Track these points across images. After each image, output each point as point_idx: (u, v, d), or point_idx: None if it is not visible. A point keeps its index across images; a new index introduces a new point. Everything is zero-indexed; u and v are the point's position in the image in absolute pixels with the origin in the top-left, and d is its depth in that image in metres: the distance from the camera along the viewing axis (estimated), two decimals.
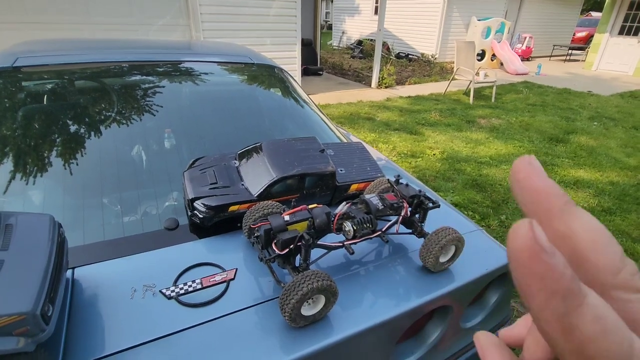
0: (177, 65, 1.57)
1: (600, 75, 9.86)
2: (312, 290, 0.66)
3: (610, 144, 4.72)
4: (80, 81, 1.39)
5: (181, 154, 1.26)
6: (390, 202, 0.87)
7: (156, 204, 1.04)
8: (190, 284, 0.78)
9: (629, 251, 2.56)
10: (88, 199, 1.02)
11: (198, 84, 1.52)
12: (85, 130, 1.20)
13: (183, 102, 1.46)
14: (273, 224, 0.75)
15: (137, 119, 1.28)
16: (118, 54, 1.56)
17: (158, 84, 1.43)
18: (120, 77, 1.44)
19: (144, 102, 1.34)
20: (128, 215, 0.98)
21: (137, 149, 1.19)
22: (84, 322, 0.69)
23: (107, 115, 1.26)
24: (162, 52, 1.66)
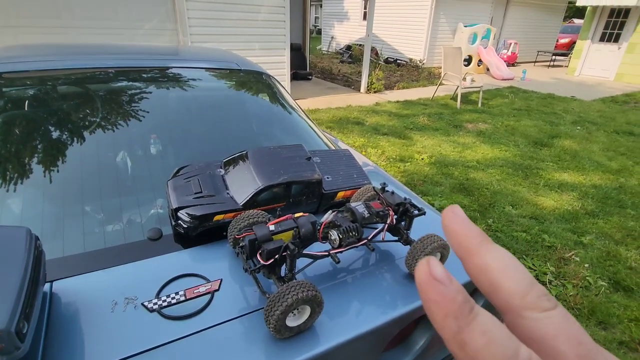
0: (162, 72, 1.55)
1: (583, 80, 10.12)
2: (297, 301, 0.65)
3: (593, 147, 4.83)
4: (62, 87, 1.36)
5: (166, 162, 1.25)
6: (376, 210, 0.87)
7: (139, 213, 1.02)
8: (173, 295, 0.76)
9: (611, 254, 2.62)
10: (68, 209, 0.99)
11: (183, 90, 1.51)
12: (67, 138, 1.17)
13: (168, 109, 1.44)
14: (258, 234, 0.74)
15: (120, 126, 1.26)
16: (102, 59, 1.54)
17: (143, 90, 1.41)
18: (104, 84, 1.42)
19: (127, 108, 1.32)
20: (109, 226, 0.96)
21: (119, 157, 1.17)
22: (62, 337, 0.67)
23: (89, 122, 1.24)
24: (146, 57, 1.65)
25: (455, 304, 0.17)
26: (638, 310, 2.11)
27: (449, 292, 0.17)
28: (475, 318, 0.16)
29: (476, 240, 0.19)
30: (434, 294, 0.17)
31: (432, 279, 0.17)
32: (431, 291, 0.17)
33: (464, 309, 0.17)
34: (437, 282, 0.17)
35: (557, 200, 3.38)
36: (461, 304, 0.17)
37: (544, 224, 2.98)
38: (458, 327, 0.16)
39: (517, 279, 0.18)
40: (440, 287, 0.17)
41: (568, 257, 2.57)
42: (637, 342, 1.90)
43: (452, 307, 0.17)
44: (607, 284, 2.32)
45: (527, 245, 2.68)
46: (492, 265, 0.19)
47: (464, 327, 0.16)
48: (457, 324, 0.16)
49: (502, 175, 3.87)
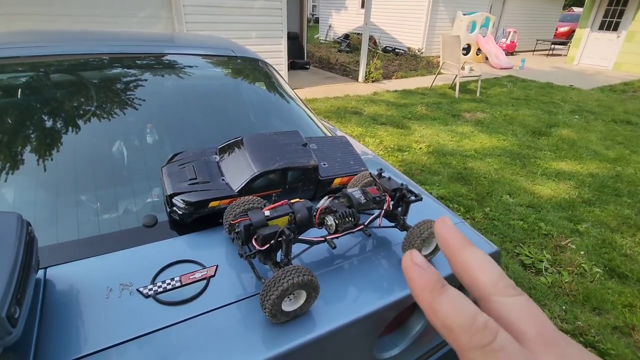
0: (158, 58, 1.53)
1: (582, 69, 10.07)
2: (292, 286, 0.65)
3: (591, 137, 4.83)
4: (55, 74, 1.34)
5: (162, 150, 1.23)
6: (373, 196, 0.87)
7: (134, 200, 1.01)
8: (169, 281, 0.76)
9: (607, 241, 2.64)
10: (62, 196, 0.98)
11: (179, 77, 1.49)
12: (60, 126, 1.15)
13: (164, 96, 1.42)
14: (253, 219, 0.73)
15: (115, 112, 1.24)
16: (96, 45, 1.51)
17: (138, 77, 1.39)
18: (98, 70, 1.40)
19: (122, 95, 1.30)
20: (104, 213, 0.95)
21: (114, 145, 1.16)
22: (56, 323, 0.66)
23: (84, 109, 1.22)
24: (141, 44, 1.62)
25: (430, 282, 0.22)
26: (632, 296, 2.13)
27: (426, 273, 0.22)
28: (445, 291, 0.21)
29: (460, 244, 0.24)
30: (414, 274, 0.22)
31: (414, 264, 0.23)
32: (413, 272, 0.22)
33: (437, 285, 0.22)
34: (417, 266, 0.22)
35: (554, 189, 3.39)
36: (435, 282, 0.22)
37: (541, 212, 2.99)
38: (431, 297, 0.21)
39: (490, 272, 0.23)
40: (419, 270, 0.22)
41: (564, 245, 2.59)
42: (631, 327, 1.92)
43: (427, 283, 0.22)
44: (602, 270, 2.34)
45: (524, 234, 2.69)
46: (470, 261, 0.23)
47: (436, 298, 0.21)
48: (431, 295, 0.21)
49: (499, 164, 3.87)
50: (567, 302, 2.10)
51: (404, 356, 0.95)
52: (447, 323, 0.20)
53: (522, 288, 2.16)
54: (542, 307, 2.04)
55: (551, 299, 2.12)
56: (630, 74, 9.45)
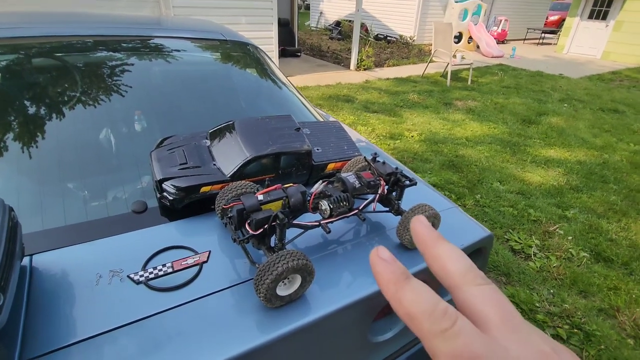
0: (145, 42, 1.48)
1: (571, 58, 10.14)
2: (287, 270, 0.64)
3: (579, 125, 4.89)
4: (37, 58, 1.28)
5: (151, 134, 1.20)
6: (367, 180, 0.86)
7: (122, 186, 0.98)
8: (160, 268, 0.75)
9: (593, 227, 2.69)
10: (47, 183, 0.95)
11: (168, 61, 1.44)
12: (45, 111, 1.11)
13: (151, 80, 1.38)
14: (246, 203, 0.72)
15: (102, 98, 1.20)
16: (79, 27, 1.45)
17: (125, 61, 1.34)
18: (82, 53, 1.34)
19: (111, 80, 1.26)
20: (92, 199, 0.93)
21: (100, 130, 1.12)
22: (44, 311, 0.65)
23: (70, 95, 1.18)
24: (129, 26, 1.56)
25: (394, 274, 0.23)
26: (617, 280, 2.19)
27: (391, 266, 0.23)
28: (408, 282, 0.22)
29: (432, 238, 0.25)
30: (380, 268, 0.24)
31: (380, 258, 0.24)
32: (378, 266, 0.24)
33: (401, 277, 0.23)
34: (383, 260, 0.24)
35: (543, 176, 3.43)
36: (399, 274, 0.23)
37: (530, 199, 3.03)
38: (395, 289, 0.22)
39: (460, 263, 0.24)
40: (385, 263, 0.24)
41: (552, 230, 2.63)
42: (616, 309, 1.98)
43: (392, 276, 0.23)
44: (589, 255, 2.39)
45: (514, 220, 2.73)
46: (442, 254, 0.24)
47: (400, 289, 0.22)
48: (395, 287, 0.22)
49: (490, 152, 3.90)
50: (555, 285, 2.14)
51: (397, 339, 0.95)
52: (410, 311, 0.21)
53: (511, 273, 2.20)
54: (530, 291, 2.08)
55: (540, 283, 2.16)
56: (617, 63, 9.55)
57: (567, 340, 1.80)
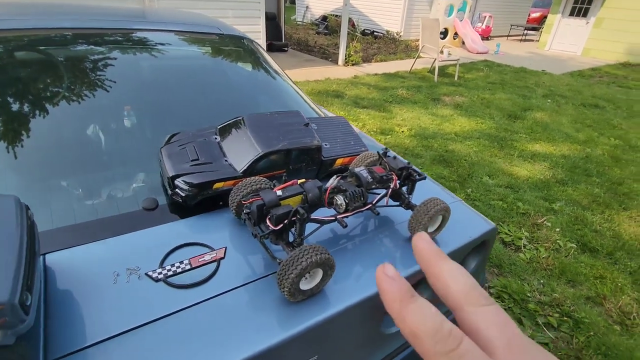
0: (140, 35, 1.44)
1: (553, 54, 10.39)
2: (311, 264, 0.65)
3: (562, 120, 5.03)
4: (34, 52, 1.23)
5: (156, 131, 1.18)
6: (380, 175, 0.87)
7: (132, 183, 0.97)
8: (178, 265, 0.74)
9: (579, 218, 2.79)
10: (54, 181, 0.93)
11: (165, 55, 1.41)
12: (46, 107, 1.08)
13: (152, 76, 1.35)
14: (266, 199, 0.72)
15: (105, 95, 1.17)
16: (67, 20, 1.40)
17: (125, 56, 1.31)
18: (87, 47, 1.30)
19: (106, 77, 1.23)
20: (101, 197, 0.91)
21: (105, 127, 1.10)
22: (63, 311, 0.64)
23: (69, 93, 1.14)
24: (124, 20, 1.52)
25: (400, 292, 0.22)
26: (602, 269, 2.28)
27: (397, 283, 0.23)
28: (414, 301, 0.22)
29: (435, 256, 0.25)
30: (386, 285, 0.23)
31: (386, 276, 0.23)
32: (384, 284, 0.23)
33: (406, 295, 0.22)
34: (389, 277, 0.23)
35: (530, 170, 3.53)
36: (405, 291, 0.23)
37: (519, 192, 3.11)
38: (400, 306, 0.22)
39: (463, 282, 0.23)
40: (391, 281, 0.23)
41: (540, 222, 2.72)
42: (602, 297, 2.06)
43: (397, 294, 0.22)
44: (576, 246, 2.48)
45: (504, 213, 2.80)
46: (444, 272, 0.24)
47: (405, 307, 0.22)
48: (401, 304, 0.22)
49: (479, 146, 3.97)
50: (544, 276, 2.22)
51: None
52: (414, 330, 0.21)
53: (503, 264, 2.26)
54: (522, 282, 2.15)
55: (530, 274, 2.23)
56: (597, 59, 9.84)
57: (558, 328, 1.86)
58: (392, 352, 0.95)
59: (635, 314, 1.96)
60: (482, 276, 1.22)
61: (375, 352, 0.91)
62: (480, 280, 1.22)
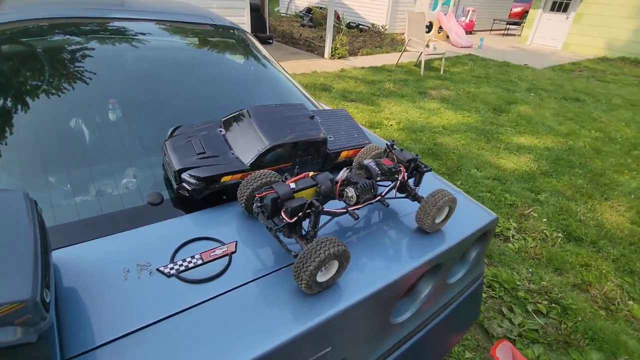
0: (130, 25, 1.39)
1: (535, 49, 10.60)
2: (329, 256, 0.65)
3: (545, 113, 5.16)
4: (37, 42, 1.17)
5: (152, 125, 1.15)
6: (388, 167, 0.87)
7: (135, 178, 0.94)
8: (189, 259, 0.73)
9: (564, 209, 2.88)
10: (56, 176, 0.89)
11: (157, 45, 1.38)
12: (47, 104, 1.03)
13: (142, 67, 1.31)
14: (280, 192, 0.71)
15: (101, 88, 1.13)
16: (58, 9, 1.34)
17: (114, 45, 1.27)
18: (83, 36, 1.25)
19: (102, 70, 1.18)
20: (103, 192, 0.88)
21: (103, 122, 1.06)
22: (76, 309, 0.62)
23: (64, 86, 1.10)
24: (113, 8, 1.47)
25: None
26: (587, 257, 2.36)
27: None
28: None
29: None
30: None
31: None
32: None
33: None
34: None
35: (516, 162, 3.61)
36: None
37: (506, 184, 3.19)
38: None
39: None
40: None
41: (527, 213, 2.79)
42: (588, 284, 2.14)
43: None
44: (562, 235, 2.57)
45: (492, 204, 2.86)
46: None
47: None
48: None
49: (466, 139, 4.04)
50: (532, 265, 2.28)
51: (413, 319, 0.99)
52: None
53: (493, 255, 2.32)
54: (511, 271, 2.21)
55: (519, 263, 2.29)
56: (577, 54, 10.10)
57: (547, 315, 1.93)
58: (399, 341, 0.97)
59: (619, 300, 2.04)
60: (481, 267, 1.25)
61: (384, 341, 0.92)
62: (479, 271, 1.25)
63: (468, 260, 1.15)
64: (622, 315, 1.95)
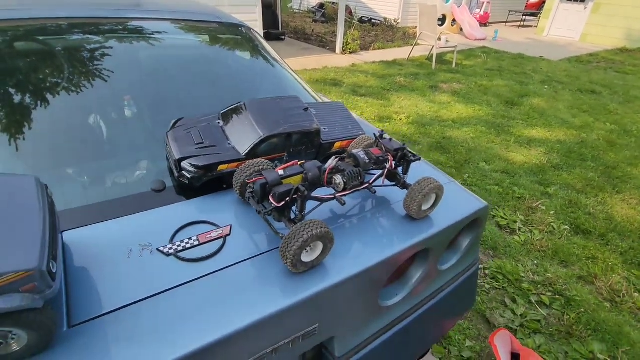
0: (138, 24, 1.46)
1: (551, 40, 10.34)
2: (312, 237, 0.70)
3: (559, 106, 5.06)
4: (22, 42, 1.25)
5: (161, 117, 1.21)
6: (376, 156, 0.91)
7: (140, 167, 1.01)
8: (187, 241, 0.79)
9: (573, 202, 2.84)
10: (72, 164, 0.97)
11: (164, 44, 1.44)
12: (63, 96, 1.11)
13: (149, 64, 1.38)
14: (268, 178, 0.76)
15: (109, 84, 1.20)
16: (65, 9, 1.41)
17: (122, 45, 1.34)
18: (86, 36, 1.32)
19: (111, 66, 1.26)
20: (112, 178, 0.95)
21: (114, 115, 1.14)
22: (83, 281, 0.68)
23: (79, 81, 1.17)
24: (120, 8, 1.54)
25: None
26: (594, 250, 2.34)
27: None
28: None
29: None
30: None
31: None
32: None
33: None
34: None
35: (526, 156, 3.57)
36: None
37: (514, 177, 3.16)
38: None
39: None
40: None
41: (535, 206, 2.77)
42: (593, 276, 2.13)
43: None
44: (569, 228, 2.54)
45: (499, 197, 2.86)
46: None
47: None
48: None
49: (476, 133, 4.01)
50: (538, 257, 2.28)
51: (404, 304, 1.03)
52: None
53: (498, 247, 2.33)
54: (516, 263, 2.21)
55: (524, 255, 2.29)
56: (595, 45, 9.80)
57: (550, 306, 1.93)
58: (389, 324, 1.01)
59: (625, 292, 2.03)
60: (475, 255, 1.27)
61: (373, 323, 0.97)
62: (474, 259, 1.28)
63: (460, 247, 1.18)
64: (626, 307, 1.94)
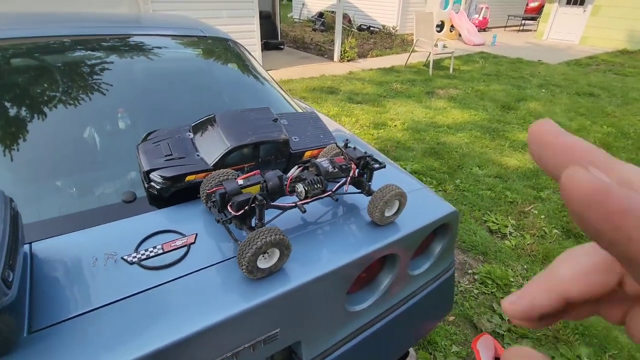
0: (125, 40, 1.52)
1: (550, 44, 10.34)
2: (265, 244, 0.72)
3: (556, 109, 5.05)
4: (15, 58, 1.31)
5: (136, 129, 1.26)
6: (339, 164, 0.94)
7: (112, 178, 1.05)
8: (151, 249, 0.82)
9: (565, 205, 2.83)
10: (43, 178, 1.01)
11: (149, 59, 1.49)
12: (34, 110, 1.16)
13: (134, 78, 1.43)
14: (227, 188, 0.79)
15: (88, 98, 1.24)
16: (57, 27, 1.48)
17: (106, 60, 1.39)
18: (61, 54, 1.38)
19: (91, 79, 1.31)
20: (83, 192, 0.99)
21: (89, 127, 1.18)
22: (47, 290, 0.72)
23: (55, 95, 1.22)
24: (107, 25, 1.60)
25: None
26: None
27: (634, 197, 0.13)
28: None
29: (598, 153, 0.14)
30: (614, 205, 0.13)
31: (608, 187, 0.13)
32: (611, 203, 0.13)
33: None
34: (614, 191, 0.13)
35: (520, 160, 3.57)
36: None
37: (507, 182, 3.17)
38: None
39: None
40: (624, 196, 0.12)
41: (527, 210, 2.77)
42: None
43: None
44: (560, 232, 2.54)
45: (491, 202, 2.86)
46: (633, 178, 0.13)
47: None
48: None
49: (470, 138, 4.02)
50: (528, 261, 2.28)
51: (374, 309, 1.05)
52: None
53: (488, 252, 2.33)
54: (506, 267, 2.21)
55: (514, 260, 2.29)
56: (595, 47, 9.78)
57: None
58: (359, 329, 1.03)
59: None
60: (450, 258, 1.29)
61: (342, 328, 0.99)
62: (449, 263, 1.29)
63: (432, 253, 1.19)
64: None
